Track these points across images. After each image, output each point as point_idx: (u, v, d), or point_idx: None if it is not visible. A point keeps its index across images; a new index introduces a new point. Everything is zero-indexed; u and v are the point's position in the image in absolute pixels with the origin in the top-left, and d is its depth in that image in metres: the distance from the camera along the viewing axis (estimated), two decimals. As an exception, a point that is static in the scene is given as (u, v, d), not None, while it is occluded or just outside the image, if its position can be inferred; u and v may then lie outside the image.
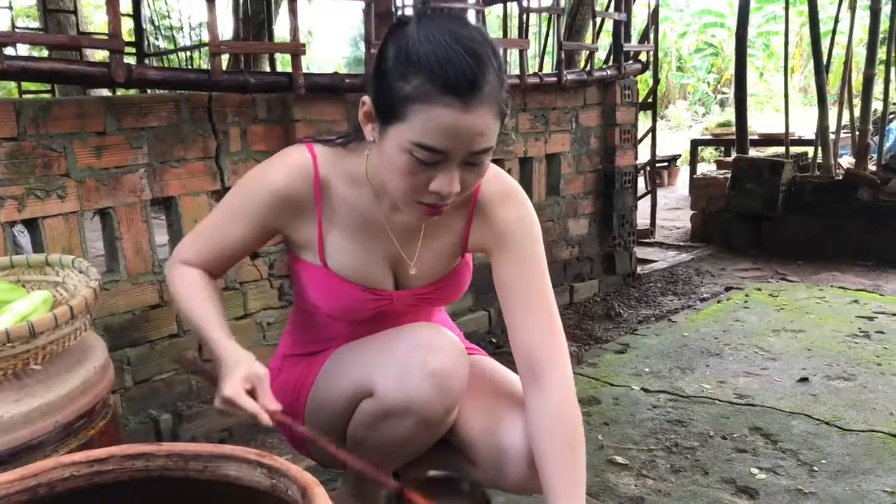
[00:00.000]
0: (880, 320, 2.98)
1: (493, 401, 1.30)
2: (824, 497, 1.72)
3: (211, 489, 0.90)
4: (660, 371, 2.53)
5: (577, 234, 3.67)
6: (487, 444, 1.26)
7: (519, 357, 1.22)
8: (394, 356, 1.19)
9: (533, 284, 1.23)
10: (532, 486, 1.26)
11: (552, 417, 1.17)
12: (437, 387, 1.16)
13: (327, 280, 1.24)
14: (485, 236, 1.26)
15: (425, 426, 1.20)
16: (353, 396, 1.24)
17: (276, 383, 1.41)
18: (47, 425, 0.94)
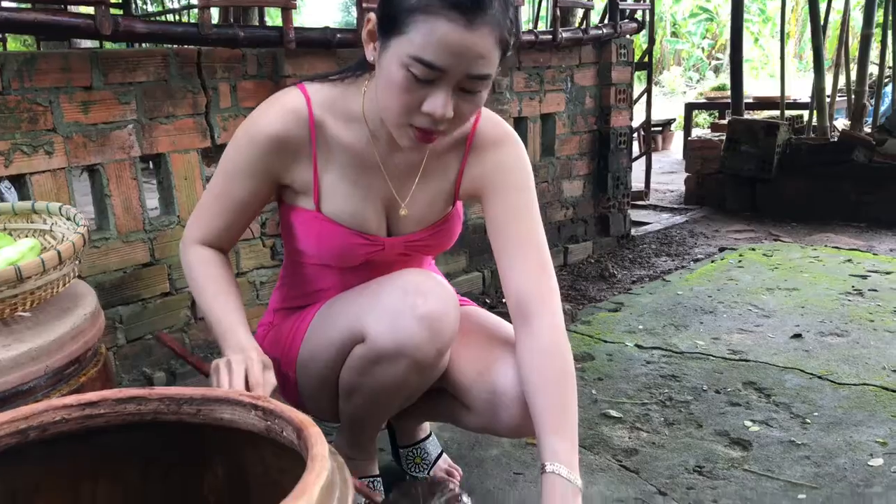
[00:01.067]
0: (873, 279, 2.99)
1: (487, 346, 1.30)
2: (816, 448, 1.74)
3: (205, 433, 0.89)
4: (653, 328, 2.53)
5: (571, 195, 3.65)
6: (481, 389, 1.27)
7: (510, 299, 1.22)
8: (384, 301, 1.18)
9: (525, 227, 1.23)
10: (526, 429, 1.27)
11: (542, 354, 1.18)
12: (428, 329, 1.16)
13: (320, 225, 1.23)
14: (478, 178, 1.26)
15: (417, 370, 1.20)
16: (344, 343, 1.23)
17: (267, 338, 1.41)
18: (37, 370, 0.93)
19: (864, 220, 4.25)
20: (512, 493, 1.59)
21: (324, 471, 0.71)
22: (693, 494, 1.57)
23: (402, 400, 1.31)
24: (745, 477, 1.63)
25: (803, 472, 1.64)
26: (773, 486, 1.59)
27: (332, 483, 0.72)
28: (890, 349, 2.28)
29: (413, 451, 1.57)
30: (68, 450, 0.88)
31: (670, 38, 16.91)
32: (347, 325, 1.23)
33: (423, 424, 1.59)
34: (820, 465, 1.67)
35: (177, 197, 2.19)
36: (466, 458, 1.72)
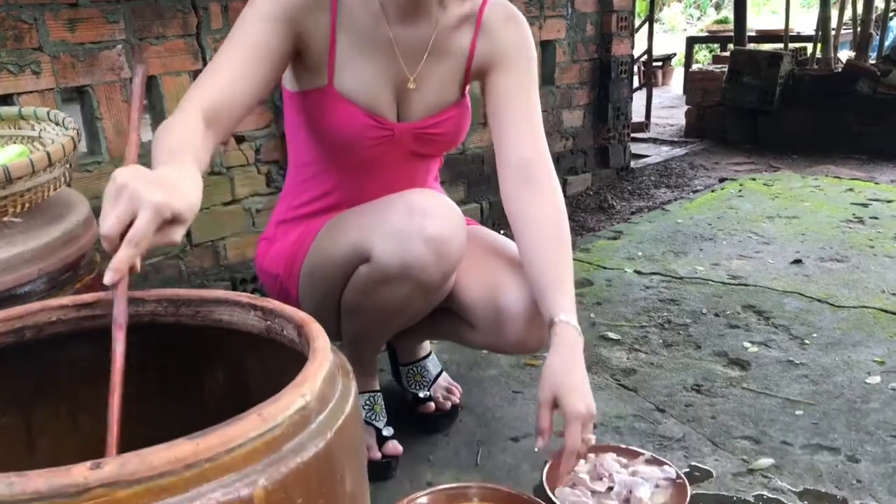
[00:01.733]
0: (874, 207, 2.97)
1: (491, 264, 1.30)
2: (814, 367, 1.75)
3: (203, 335, 0.88)
4: (653, 255, 2.52)
5: (571, 125, 3.60)
6: (486, 305, 1.27)
7: (510, 165, 1.26)
8: (391, 221, 1.16)
9: (528, 102, 1.28)
10: (530, 344, 1.27)
11: (544, 217, 1.23)
12: (434, 252, 1.15)
13: (332, 104, 1.21)
14: (488, 56, 1.28)
15: (422, 291, 1.19)
16: (349, 262, 1.21)
17: (269, 254, 1.39)
18: (31, 272, 0.91)
19: (865, 152, 4.21)
20: (511, 409, 1.60)
21: (326, 362, 0.69)
22: (691, 411, 1.58)
23: (405, 320, 1.31)
24: (744, 395, 1.64)
25: (801, 389, 1.65)
26: (771, 402, 1.60)
27: (333, 376, 0.71)
28: (889, 273, 2.28)
29: (413, 368, 1.57)
30: (66, 352, 0.87)
31: (671, -28, 16.50)
32: (352, 244, 1.21)
33: (424, 343, 1.59)
34: (818, 383, 1.68)
35: (169, 121, 2.15)
36: (465, 377, 1.72)
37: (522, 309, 1.24)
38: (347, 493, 0.66)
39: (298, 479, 0.59)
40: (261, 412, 0.60)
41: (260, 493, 0.56)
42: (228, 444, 0.56)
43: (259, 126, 2.34)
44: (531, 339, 1.27)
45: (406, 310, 1.26)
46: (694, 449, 1.45)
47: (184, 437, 0.56)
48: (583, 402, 1.10)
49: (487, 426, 1.54)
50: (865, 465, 1.39)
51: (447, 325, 1.39)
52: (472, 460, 1.43)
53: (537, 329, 1.26)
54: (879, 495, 1.30)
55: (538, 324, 1.25)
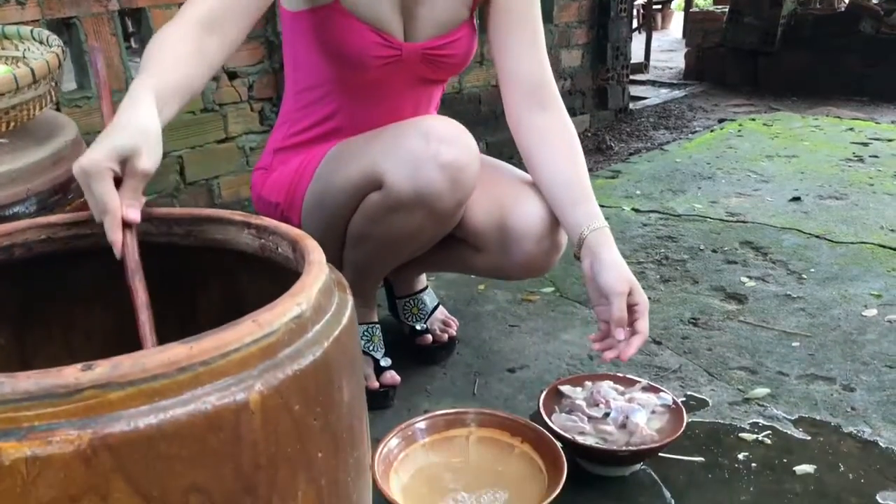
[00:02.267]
0: (875, 145, 2.95)
1: (498, 185, 1.29)
2: (811, 300, 1.75)
3: (197, 255, 0.87)
4: (651, 193, 2.50)
5: (569, 65, 3.54)
6: (494, 227, 1.27)
7: (516, 85, 1.25)
8: (405, 146, 1.14)
9: (533, 23, 1.26)
10: (536, 266, 1.28)
11: (556, 135, 1.23)
12: (449, 179, 1.12)
13: (337, 20, 1.17)
14: None
15: (434, 220, 1.18)
16: (358, 188, 1.19)
17: (267, 183, 1.36)
18: (18, 192, 0.89)
19: (866, 94, 4.17)
20: (507, 342, 1.60)
21: (322, 274, 0.68)
22: (688, 343, 1.58)
23: (414, 249, 1.29)
24: (740, 327, 1.64)
25: (798, 322, 1.66)
26: (768, 335, 1.61)
27: (329, 288, 0.70)
28: (888, 210, 2.27)
29: (410, 301, 1.56)
30: (57, 273, 0.86)
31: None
32: (363, 170, 1.18)
33: (421, 276, 1.58)
34: (815, 315, 1.68)
35: (159, 55, 2.10)
36: (462, 312, 1.72)
37: (531, 228, 1.23)
38: (345, 402, 0.65)
39: (295, 386, 0.59)
40: (256, 318, 0.59)
41: (256, 397, 0.55)
42: (223, 348, 0.55)
43: (252, 62, 2.29)
44: (539, 260, 1.27)
45: (416, 238, 1.24)
46: (690, 379, 1.46)
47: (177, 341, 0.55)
48: (644, 293, 1.17)
49: (484, 358, 1.54)
50: (860, 393, 1.39)
51: (452, 253, 1.37)
52: (469, 390, 1.44)
53: (546, 250, 1.26)
54: (873, 422, 1.31)
55: (547, 244, 1.25)
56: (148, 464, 0.51)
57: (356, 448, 0.69)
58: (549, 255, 1.29)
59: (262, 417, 0.56)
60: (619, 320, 1.13)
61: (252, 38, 2.27)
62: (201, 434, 0.53)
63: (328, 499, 0.63)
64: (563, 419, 1.20)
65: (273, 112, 2.37)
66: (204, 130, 2.24)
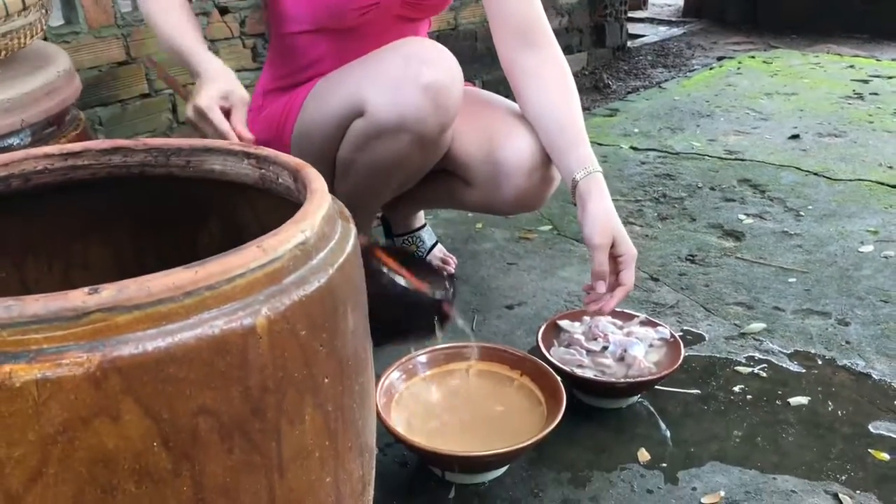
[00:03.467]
0: (875, 83, 2.92)
1: (489, 118, 1.27)
2: (808, 237, 1.75)
3: (196, 187, 0.86)
4: (649, 131, 2.49)
5: (566, 2, 3.46)
6: (484, 160, 1.24)
7: (507, 25, 1.22)
8: (385, 71, 1.12)
9: None
10: (528, 200, 1.26)
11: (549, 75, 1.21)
12: (431, 101, 1.11)
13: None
14: None
15: (419, 144, 1.16)
16: (342, 117, 1.17)
17: (258, 120, 1.35)
18: (13, 122, 0.87)
19: (867, 31, 4.10)
20: (506, 279, 1.60)
21: (324, 202, 0.68)
22: (685, 280, 1.59)
23: (402, 178, 1.28)
24: (737, 264, 1.65)
25: (795, 258, 1.66)
26: (765, 271, 1.62)
27: (332, 217, 0.69)
28: (888, 147, 2.26)
29: (409, 238, 1.56)
30: (55, 206, 0.85)
31: None
32: (346, 98, 1.16)
33: (418, 214, 1.58)
34: (811, 252, 1.69)
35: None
36: (460, 250, 1.72)
37: (522, 161, 1.22)
38: (350, 329, 0.65)
39: (301, 311, 0.59)
40: (260, 244, 0.58)
41: (262, 322, 0.55)
42: (228, 273, 0.55)
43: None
44: (530, 194, 1.26)
45: (403, 165, 1.22)
46: (687, 315, 1.47)
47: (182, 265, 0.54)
48: (631, 243, 1.14)
49: (483, 295, 1.55)
50: (855, 327, 1.41)
51: (443, 187, 1.37)
52: (468, 327, 1.44)
53: (537, 184, 1.25)
54: (867, 355, 1.33)
55: (538, 178, 1.24)
56: (157, 386, 0.51)
57: (361, 374, 0.69)
58: (541, 189, 1.27)
59: (269, 342, 0.56)
60: (599, 273, 1.12)
61: (243, -29, 2.21)
62: (209, 357, 0.53)
63: (335, 423, 0.64)
64: (562, 352, 1.21)
65: (265, 48, 2.32)
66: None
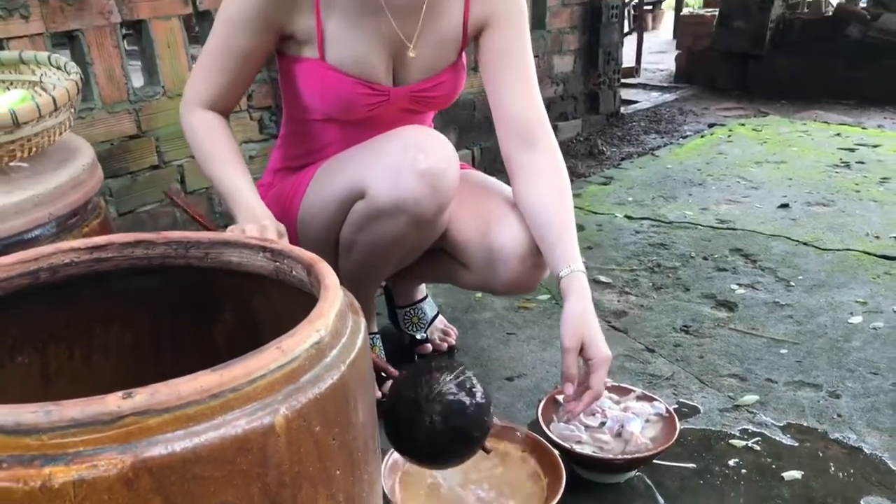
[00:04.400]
0: (861, 151, 3.01)
1: (485, 204, 1.32)
2: (799, 308, 1.80)
3: (213, 277, 0.91)
4: (643, 200, 2.55)
5: (561, 71, 3.58)
6: (479, 245, 1.29)
7: (510, 123, 1.27)
8: (385, 157, 1.18)
9: (524, 58, 1.28)
10: (522, 285, 1.30)
11: (545, 172, 1.26)
12: (428, 185, 1.17)
13: (324, 74, 1.21)
14: (482, 16, 1.27)
15: (417, 226, 1.21)
16: (345, 199, 1.23)
17: (267, 197, 1.41)
18: (41, 216, 0.93)
19: (854, 97, 4.23)
20: (505, 350, 1.64)
21: (337, 299, 0.72)
22: (680, 351, 1.63)
23: (401, 256, 1.33)
24: (731, 335, 1.69)
25: (786, 329, 1.71)
26: (757, 342, 1.66)
27: (344, 312, 0.74)
28: (874, 217, 2.32)
29: (410, 310, 1.60)
30: (79, 294, 0.89)
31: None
32: (348, 182, 1.23)
33: (420, 286, 1.62)
34: (802, 323, 1.73)
35: (160, 66, 2.13)
36: (461, 320, 1.76)
37: (515, 248, 1.26)
38: (360, 421, 0.69)
39: (316, 409, 0.63)
40: (279, 345, 0.63)
41: (281, 421, 0.59)
42: (250, 375, 0.59)
43: (251, 71, 2.32)
44: (523, 279, 1.30)
45: (401, 245, 1.28)
46: (682, 387, 1.50)
47: (208, 368, 0.59)
48: (605, 346, 1.15)
49: (483, 366, 1.58)
50: (846, 400, 1.44)
51: (442, 266, 1.41)
52: (469, 398, 1.48)
53: (530, 269, 1.29)
54: (858, 428, 1.36)
55: (531, 264, 1.28)
56: (184, 485, 0.55)
57: (369, 464, 0.73)
58: (534, 274, 1.31)
59: (287, 439, 0.60)
60: (567, 376, 1.14)
61: (251, 48, 2.30)
62: (232, 456, 0.57)
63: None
64: (561, 428, 1.24)
65: (272, 121, 2.41)
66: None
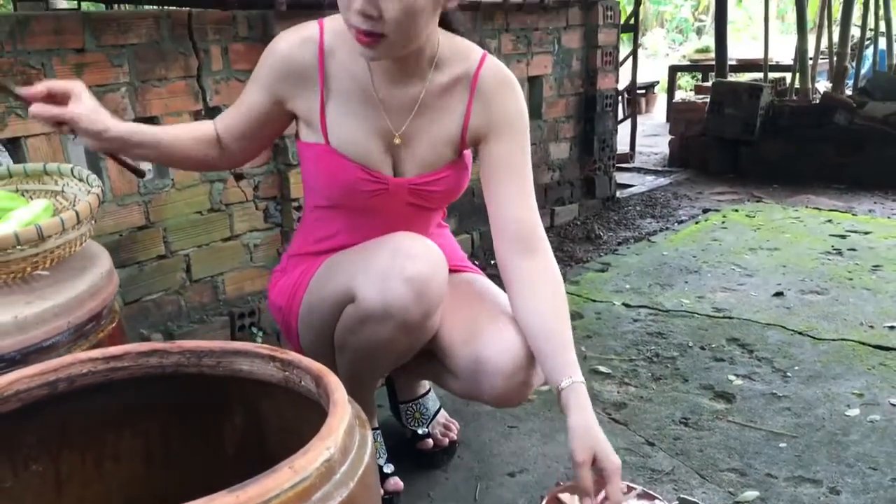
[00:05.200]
0: (852, 238, 3.07)
1: (476, 313, 1.34)
2: (796, 399, 1.82)
3: (223, 384, 0.94)
4: (640, 287, 2.60)
5: (558, 157, 3.69)
6: (466, 355, 1.31)
7: (507, 230, 1.31)
8: (374, 263, 1.23)
9: (524, 169, 1.33)
10: (507, 400, 1.32)
11: (542, 283, 1.28)
12: (414, 292, 1.20)
13: (328, 158, 1.29)
14: (484, 125, 1.32)
15: (404, 330, 1.24)
16: (337, 301, 1.28)
17: (278, 286, 1.45)
18: (60, 325, 0.96)
19: (844, 182, 4.33)
20: (507, 444, 1.65)
21: (346, 414, 0.75)
22: (679, 444, 1.64)
23: (393, 359, 1.35)
24: (729, 427, 1.71)
25: (784, 422, 1.72)
26: (756, 435, 1.67)
27: (352, 427, 0.76)
28: (867, 306, 2.36)
29: (412, 406, 1.62)
30: (93, 402, 0.92)
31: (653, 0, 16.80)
32: (341, 285, 1.28)
33: (422, 381, 1.64)
34: (800, 415, 1.75)
35: (171, 160, 2.20)
36: (462, 412, 1.78)
37: (502, 364, 1.26)
38: (368, 537, 0.71)
39: (326, 527, 0.65)
40: (292, 465, 0.65)
41: (294, 540, 0.62)
42: (265, 495, 0.62)
43: (258, 163, 2.40)
44: (508, 394, 1.29)
45: (391, 348, 1.30)
46: (683, 482, 1.51)
47: (225, 489, 0.61)
48: (615, 455, 1.14)
49: (485, 462, 1.59)
50: (846, 496, 1.45)
51: (433, 369, 1.44)
52: (471, 495, 1.48)
53: (517, 386, 1.28)
54: (859, 526, 1.36)
55: (516, 381, 1.27)
56: None
57: (377, 576, 0.75)
58: (520, 391, 1.31)
59: (299, 559, 0.62)
60: (586, 490, 1.12)
61: (258, 141, 2.38)
62: (246, 578, 0.59)
63: None
64: (565, 528, 1.24)
65: (277, 210, 2.47)
66: (211, 229, 2.33)
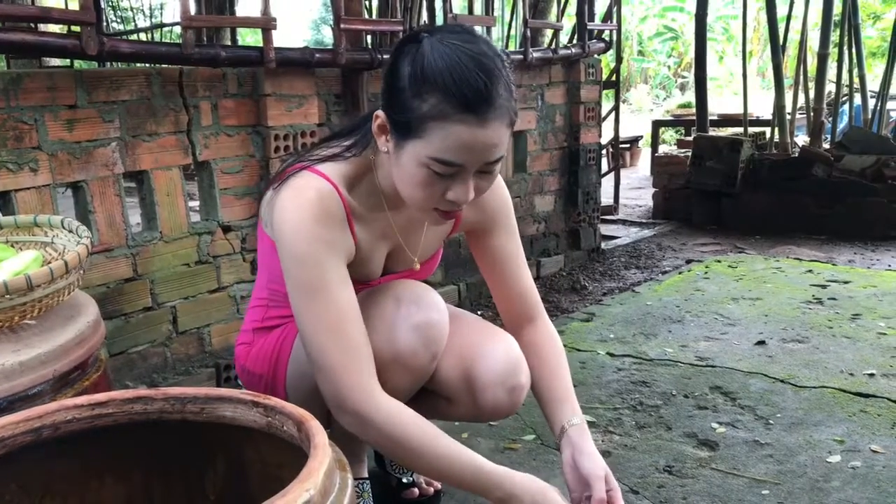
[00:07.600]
0: (832, 288, 3.12)
1: (461, 338, 1.39)
2: (779, 447, 1.83)
3: (207, 429, 0.95)
4: (624, 337, 2.62)
5: (543, 210, 3.75)
6: (460, 377, 1.36)
7: (512, 308, 1.45)
8: (379, 313, 1.25)
9: (518, 252, 1.45)
10: (503, 409, 1.38)
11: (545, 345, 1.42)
12: (423, 337, 1.24)
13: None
14: (474, 222, 1.41)
15: (411, 375, 1.27)
16: None
17: (250, 356, 1.44)
18: (45, 374, 0.98)
19: (824, 233, 4.41)
20: (491, 494, 1.65)
21: (326, 458, 0.77)
22: (664, 493, 1.65)
23: None
24: (713, 475, 1.71)
25: (767, 469, 1.73)
26: (739, 483, 1.68)
27: (332, 470, 0.78)
28: (847, 354, 2.39)
29: (398, 458, 1.62)
30: (77, 449, 0.93)
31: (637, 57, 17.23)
32: None
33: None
34: (782, 462, 1.76)
35: (159, 213, 2.23)
36: (447, 462, 1.77)
37: (494, 376, 1.34)
38: (347, 579, 0.72)
39: (305, 568, 0.66)
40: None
41: (272, 581, 0.63)
42: (245, 537, 0.63)
43: (245, 216, 2.43)
44: (504, 402, 1.37)
45: (394, 395, 1.32)
46: (667, 530, 1.51)
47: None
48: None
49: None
50: (828, 543, 1.46)
51: (426, 404, 1.45)
52: (455, 545, 1.48)
53: (508, 392, 1.35)
54: (842, 573, 1.37)
55: (509, 386, 1.35)
56: None
57: None
58: (515, 395, 1.38)
59: None
60: (601, 501, 1.24)
61: (246, 193, 2.42)
62: None
63: None
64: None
65: (264, 262, 2.49)
66: (197, 281, 2.35)
